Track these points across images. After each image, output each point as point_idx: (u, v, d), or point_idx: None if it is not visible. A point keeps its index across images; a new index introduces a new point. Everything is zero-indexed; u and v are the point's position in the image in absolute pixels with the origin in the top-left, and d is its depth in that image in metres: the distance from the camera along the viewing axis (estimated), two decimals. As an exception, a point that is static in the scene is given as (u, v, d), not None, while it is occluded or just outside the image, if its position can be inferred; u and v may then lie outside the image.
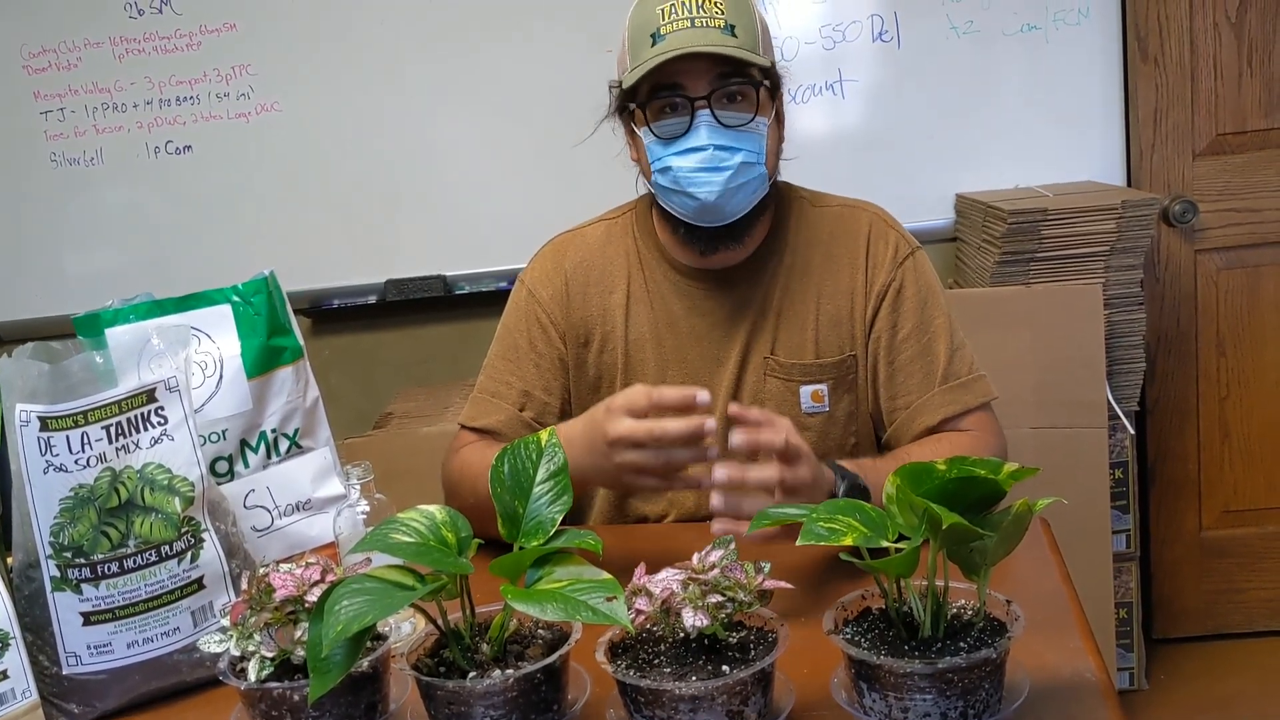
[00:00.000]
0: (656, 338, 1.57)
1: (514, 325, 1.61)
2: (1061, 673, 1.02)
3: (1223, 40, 2.58)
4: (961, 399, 1.50)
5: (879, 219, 1.58)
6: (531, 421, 1.56)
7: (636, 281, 1.59)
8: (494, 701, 0.94)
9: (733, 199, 1.44)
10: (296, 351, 1.46)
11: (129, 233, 2.87)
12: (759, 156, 1.45)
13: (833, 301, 1.54)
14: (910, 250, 1.56)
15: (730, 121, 1.42)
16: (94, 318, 1.38)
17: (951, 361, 1.52)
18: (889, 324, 1.53)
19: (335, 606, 0.90)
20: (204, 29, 2.77)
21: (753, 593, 0.95)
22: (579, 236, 1.64)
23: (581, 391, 1.60)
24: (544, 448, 1.06)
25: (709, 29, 1.40)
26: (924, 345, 1.52)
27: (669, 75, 1.41)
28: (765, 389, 1.55)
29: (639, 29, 1.44)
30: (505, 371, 1.59)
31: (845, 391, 1.56)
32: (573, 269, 1.60)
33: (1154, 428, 2.71)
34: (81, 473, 1.16)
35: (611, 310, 1.58)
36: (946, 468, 0.95)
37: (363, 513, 1.26)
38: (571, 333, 1.58)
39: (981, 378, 1.53)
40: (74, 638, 1.16)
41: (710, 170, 1.42)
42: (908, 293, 1.53)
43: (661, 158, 1.44)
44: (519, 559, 0.98)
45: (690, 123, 1.42)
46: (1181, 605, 2.78)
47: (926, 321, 1.53)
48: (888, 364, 1.53)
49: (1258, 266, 2.66)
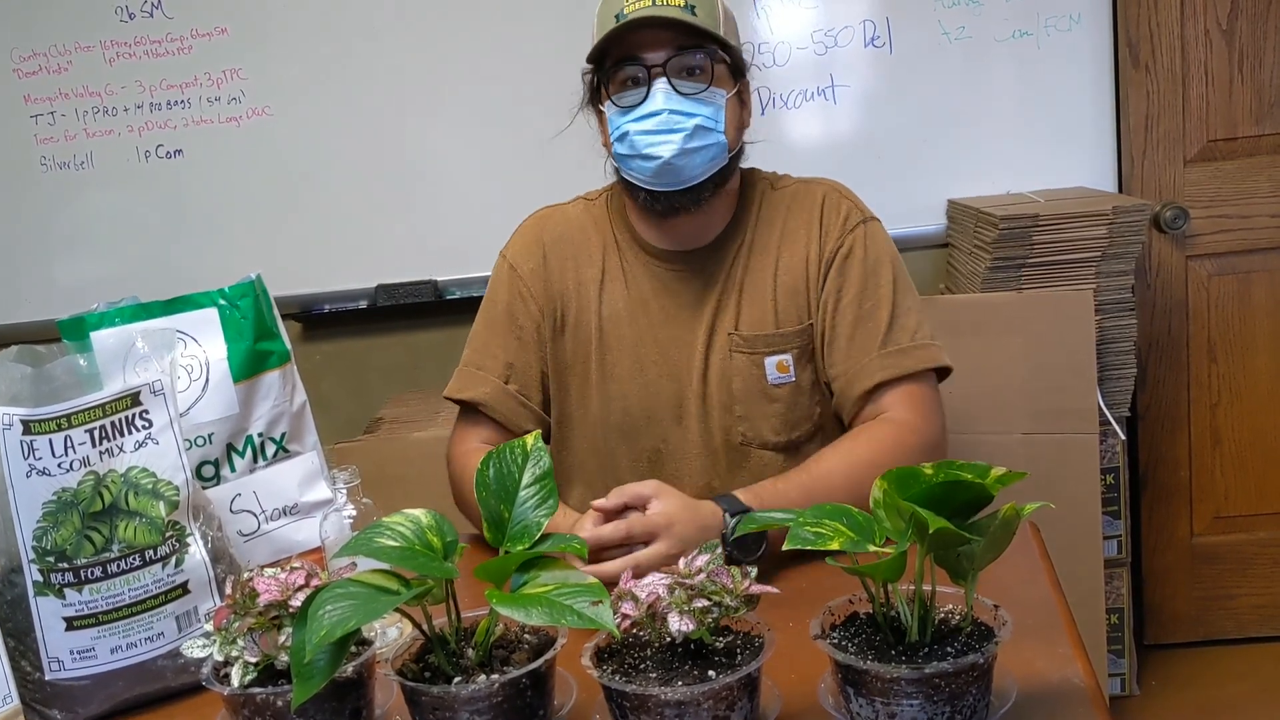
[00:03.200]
0: (630, 316, 1.59)
1: (496, 298, 1.65)
2: (1049, 678, 1.02)
3: (1214, 47, 2.59)
4: (900, 364, 1.50)
5: (834, 190, 1.61)
6: (516, 394, 1.60)
7: (611, 260, 1.62)
8: (479, 707, 0.94)
9: (689, 160, 1.47)
10: (283, 355, 1.46)
11: (119, 237, 2.86)
12: (716, 124, 1.48)
13: (789, 273, 1.57)
14: (862, 219, 1.58)
15: (687, 90, 1.46)
16: (79, 321, 1.37)
17: (892, 328, 1.52)
18: (835, 288, 1.54)
19: (319, 611, 0.90)
20: (195, 33, 2.76)
21: (739, 597, 0.95)
22: (559, 212, 1.69)
23: (558, 368, 1.62)
24: (529, 451, 1.05)
25: (669, 5, 1.45)
26: (866, 310, 1.53)
27: (629, 47, 1.47)
28: (732, 365, 1.56)
29: (605, 13, 1.49)
30: (489, 344, 1.63)
31: (808, 361, 1.57)
32: (552, 242, 1.64)
33: (1145, 434, 2.71)
34: (65, 476, 1.15)
35: (586, 285, 1.61)
36: (934, 472, 0.94)
37: (349, 517, 1.25)
38: (549, 305, 1.62)
39: (927, 346, 1.53)
40: (57, 643, 1.15)
41: (665, 132, 1.46)
42: (855, 257, 1.55)
43: (620, 125, 1.48)
44: (504, 563, 0.98)
45: (648, 91, 1.46)
46: (1173, 611, 2.78)
47: (871, 287, 1.54)
48: (830, 328, 1.54)
49: (1249, 273, 2.66)
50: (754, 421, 1.57)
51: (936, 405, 1.53)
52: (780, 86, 2.69)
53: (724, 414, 1.57)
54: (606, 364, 1.60)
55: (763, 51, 2.67)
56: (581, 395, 1.62)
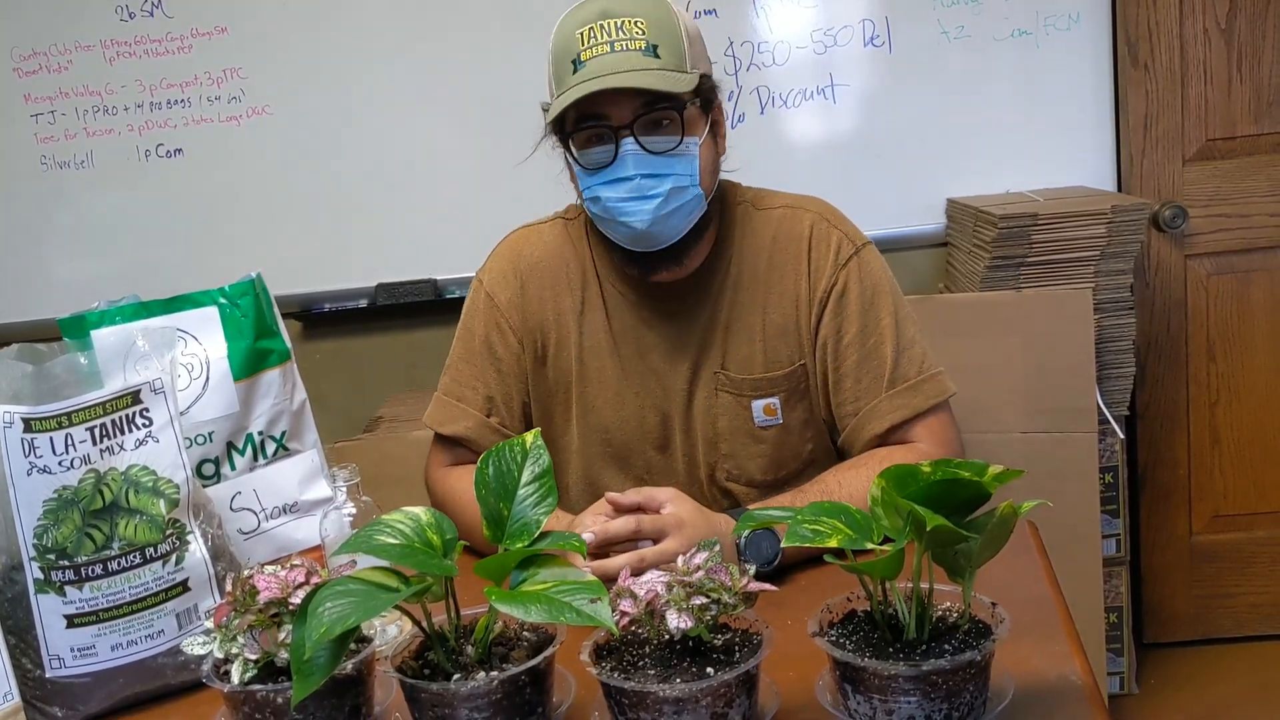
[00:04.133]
0: (611, 347, 1.55)
1: (473, 328, 1.60)
2: (1047, 676, 1.02)
3: (1212, 46, 2.59)
4: (910, 403, 1.47)
5: (820, 219, 1.53)
6: (499, 427, 1.56)
7: (591, 289, 1.56)
8: (478, 704, 0.94)
9: (665, 224, 1.42)
10: (284, 354, 1.46)
11: (119, 236, 2.86)
12: (691, 179, 1.41)
13: (779, 311, 1.51)
14: (854, 249, 1.51)
15: (656, 148, 1.39)
16: (79, 320, 1.37)
17: (898, 364, 1.48)
18: (833, 329, 1.49)
19: (318, 608, 0.90)
20: (195, 32, 2.76)
21: (737, 595, 0.95)
22: (535, 234, 1.62)
23: (541, 396, 1.59)
24: (529, 450, 1.05)
25: (629, 52, 1.36)
26: (870, 348, 1.48)
27: (591, 105, 1.38)
28: (718, 404, 1.53)
29: (560, 55, 1.41)
30: (469, 375, 1.59)
31: (798, 401, 1.53)
32: (529, 269, 1.59)
33: (1144, 433, 2.71)
34: (65, 474, 1.15)
35: (565, 315, 1.56)
36: (931, 470, 0.94)
37: (349, 515, 1.26)
38: (529, 337, 1.57)
39: (933, 377, 1.49)
40: (57, 641, 1.15)
41: (639, 199, 1.39)
42: (851, 294, 1.49)
43: (591, 186, 1.42)
44: (503, 561, 0.98)
45: (615, 152, 1.39)
46: (1171, 610, 2.78)
47: (871, 323, 1.49)
48: (834, 370, 1.50)
49: (1248, 272, 2.66)
50: (740, 460, 1.54)
51: (954, 433, 1.49)
52: (780, 86, 2.69)
53: (709, 449, 1.54)
54: (587, 396, 1.56)
55: (762, 50, 2.68)
56: (564, 423, 1.58)
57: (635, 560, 1.24)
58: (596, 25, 1.38)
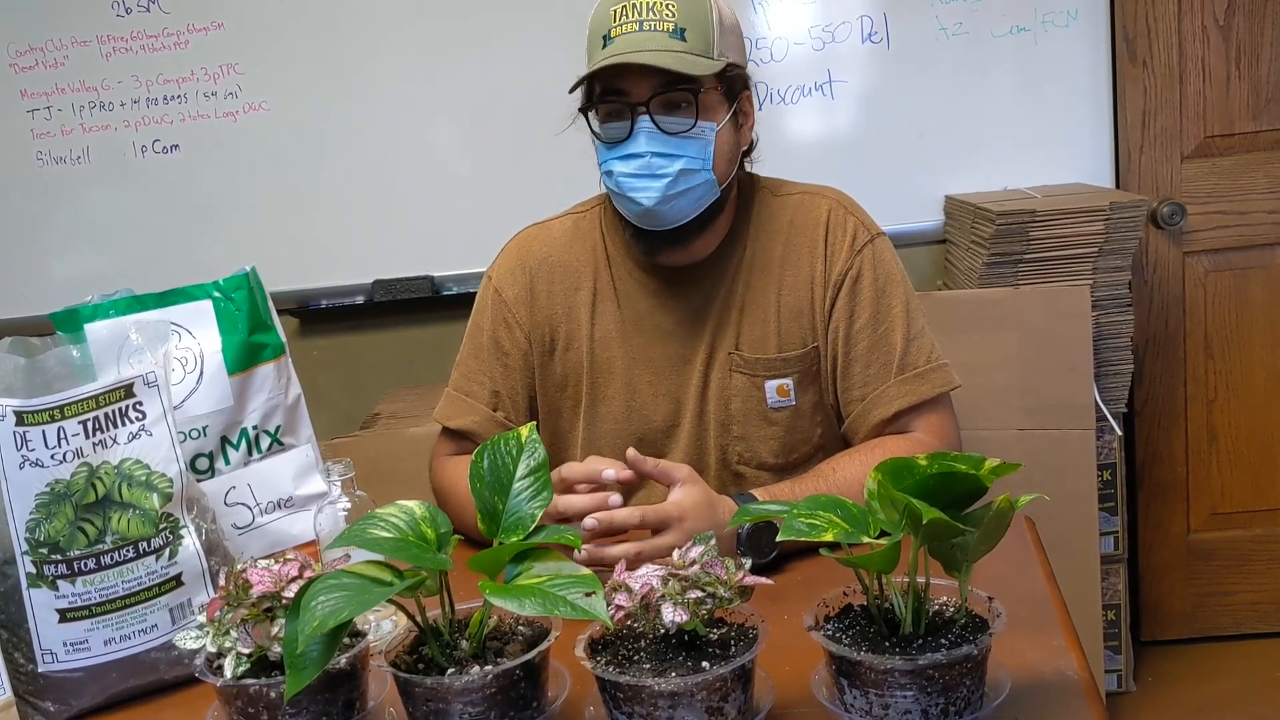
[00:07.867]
0: (623, 336, 1.57)
1: (482, 324, 1.62)
2: (1043, 671, 1.02)
3: (1210, 43, 2.59)
4: (918, 390, 1.49)
5: (838, 205, 1.56)
6: (505, 421, 1.58)
7: (603, 278, 1.58)
8: (472, 698, 0.94)
9: (672, 205, 1.43)
10: (278, 348, 1.45)
11: (115, 232, 2.86)
12: (703, 163, 1.43)
13: (793, 293, 1.53)
14: (869, 237, 1.53)
15: (671, 128, 1.41)
16: (73, 313, 1.36)
17: (908, 351, 1.50)
18: (846, 313, 1.51)
19: (312, 602, 0.90)
20: (192, 28, 2.76)
21: (733, 589, 0.95)
22: (545, 231, 1.64)
23: (548, 391, 1.61)
24: (524, 443, 1.05)
25: (656, 33, 1.39)
26: (880, 335, 1.50)
27: (612, 80, 1.42)
28: (731, 385, 1.54)
29: (595, 29, 1.45)
30: (476, 370, 1.61)
31: (810, 384, 1.55)
32: (537, 265, 1.60)
33: (1142, 430, 2.71)
34: (58, 468, 1.15)
35: (577, 308, 1.58)
36: (928, 463, 0.94)
37: (344, 510, 1.25)
38: (536, 332, 1.59)
39: (941, 367, 1.51)
40: (50, 635, 1.15)
41: (648, 177, 1.42)
42: (865, 281, 1.51)
43: (606, 160, 1.45)
44: (498, 554, 0.97)
45: (631, 128, 1.42)
46: (1169, 608, 2.78)
47: (883, 310, 1.51)
48: (844, 354, 1.52)
49: (1245, 269, 2.66)
50: (751, 443, 1.55)
51: (954, 428, 1.52)
52: (778, 82, 2.69)
53: (721, 432, 1.55)
54: (596, 387, 1.57)
55: (760, 47, 2.67)
56: (573, 417, 1.60)
57: (632, 554, 1.24)
58: (630, 4, 1.42)
